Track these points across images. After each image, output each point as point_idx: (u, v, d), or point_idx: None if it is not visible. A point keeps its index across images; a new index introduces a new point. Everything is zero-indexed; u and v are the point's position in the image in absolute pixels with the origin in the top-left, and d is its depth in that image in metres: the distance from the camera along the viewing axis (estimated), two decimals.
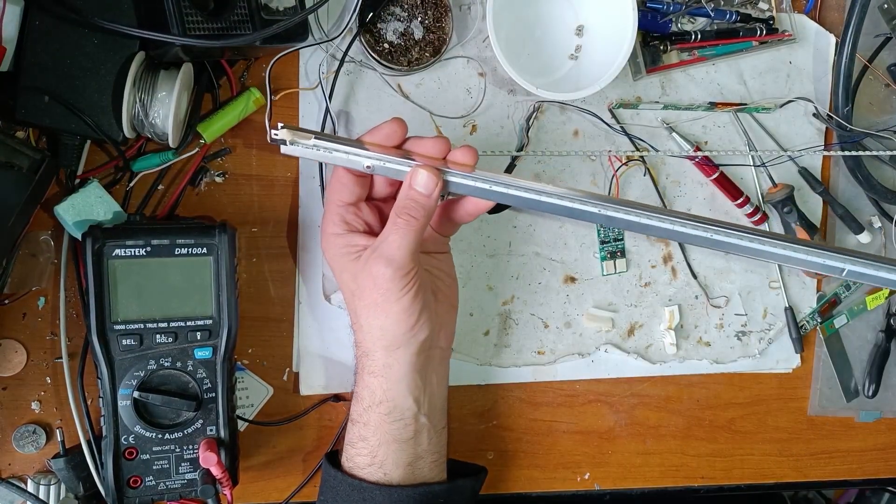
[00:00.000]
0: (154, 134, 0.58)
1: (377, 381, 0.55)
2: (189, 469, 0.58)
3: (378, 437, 0.56)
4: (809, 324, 0.74)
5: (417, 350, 0.55)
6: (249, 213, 0.64)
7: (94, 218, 0.58)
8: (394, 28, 0.62)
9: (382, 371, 0.55)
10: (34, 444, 0.62)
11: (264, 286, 0.65)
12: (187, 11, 0.52)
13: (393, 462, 0.56)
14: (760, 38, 0.69)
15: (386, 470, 0.56)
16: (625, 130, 0.69)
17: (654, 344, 0.72)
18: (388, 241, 0.52)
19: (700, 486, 0.75)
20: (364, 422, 0.56)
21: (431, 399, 0.57)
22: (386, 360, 0.55)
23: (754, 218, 0.72)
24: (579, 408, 0.72)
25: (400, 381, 0.55)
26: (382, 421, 0.56)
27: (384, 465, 0.56)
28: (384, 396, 0.55)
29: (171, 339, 0.57)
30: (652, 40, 0.67)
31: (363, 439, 0.56)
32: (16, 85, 0.54)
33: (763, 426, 0.75)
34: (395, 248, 0.52)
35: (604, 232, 0.70)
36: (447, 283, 0.60)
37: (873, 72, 0.72)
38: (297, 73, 0.64)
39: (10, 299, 0.60)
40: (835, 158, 0.73)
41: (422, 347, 0.55)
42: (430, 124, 0.66)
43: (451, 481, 0.59)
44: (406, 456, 0.56)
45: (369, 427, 0.56)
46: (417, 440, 0.56)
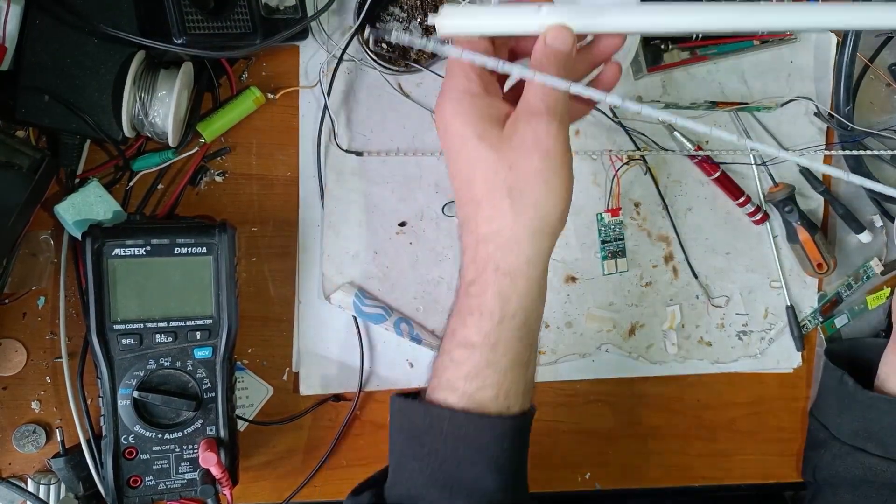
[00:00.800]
0: (154, 133, 0.58)
1: (515, 283, 0.45)
2: (189, 469, 0.58)
3: (508, 360, 0.46)
4: (811, 323, 0.74)
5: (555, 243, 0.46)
6: (249, 212, 0.64)
7: (93, 217, 0.58)
8: (393, 28, 0.62)
9: (525, 268, 0.45)
10: (34, 444, 0.62)
11: (264, 286, 0.65)
12: (187, 10, 0.53)
13: (515, 392, 0.47)
14: (761, 38, 0.69)
15: (510, 402, 0.47)
16: (625, 127, 0.69)
17: (655, 344, 0.72)
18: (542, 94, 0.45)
19: (701, 486, 0.75)
20: (492, 343, 0.45)
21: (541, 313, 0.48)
22: (529, 253, 0.45)
23: (755, 217, 0.72)
24: (580, 408, 0.72)
25: (537, 282, 0.46)
26: (512, 338, 0.46)
27: (509, 395, 0.46)
28: (519, 305, 0.45)
29: (170, 339, 0.57)
30: (653, 39, 0.67)
31: (491, 364, 0.46)
32: (16, 84, 0.54)
33: (764, 426, 0.75)
34: (553, 100, 0.44)
35: (605, 231, 0.70)
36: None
37: (874, 71, 0.71)
38: (297, 72, 0.64)
39: (10, 299, 0.60)
40: (836, 158, 0.73)
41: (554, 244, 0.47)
42: (431, 123, 0.66)
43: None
44: (523, 384, 0.47)
45: (498, 349, 0.46)
46: (530, 364, 0.48)
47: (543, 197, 0.45)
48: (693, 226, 0.72)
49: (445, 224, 0.67)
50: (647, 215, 0.71)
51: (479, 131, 0.45)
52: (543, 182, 0.45)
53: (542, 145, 0.44)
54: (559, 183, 0.45)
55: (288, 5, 0.58)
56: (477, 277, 0.46)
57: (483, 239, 0.46)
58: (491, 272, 0.46)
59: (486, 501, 0.46)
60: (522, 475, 0.50)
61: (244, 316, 0.63)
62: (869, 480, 0.65)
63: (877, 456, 0.65)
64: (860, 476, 0.65)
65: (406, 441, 0.48)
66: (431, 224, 0.67)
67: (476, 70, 0.46)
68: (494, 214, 0.45)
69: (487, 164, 0.45)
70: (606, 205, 0.70)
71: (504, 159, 0.45)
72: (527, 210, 0.45)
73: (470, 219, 0.47)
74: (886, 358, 0.67)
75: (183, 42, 0.53)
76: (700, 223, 0.72)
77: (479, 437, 0.45)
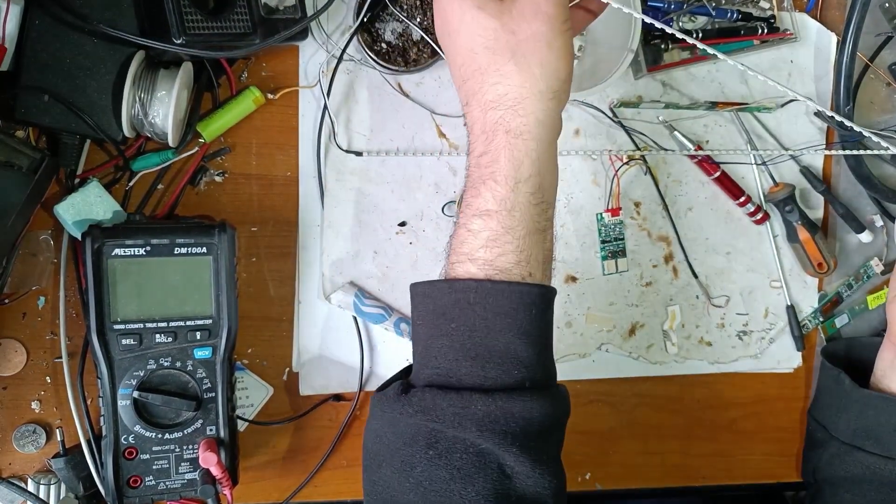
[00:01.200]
0: (154, 133, 0.58)
1: (526, 144, 0.46)
2: (189, 469, 0.58)
3: (525, 226, 0.46)
4: (811, 323, 0.74)
5: (560, 111, 0.48)
6: (249, 212, 0.64)
7: (93, 217, 0.58)
8: (392, 28, 0.62)
9: (535, 129, 0.46)
10: (34, 444, 0.62)
11: (264, 286, 0.65)
12: (187, 11, 0.53)
13: (535, 259, 0.46)
14: (762, 37, 0.69)
15: (532, 269, 0.46)
16: (623, 125, 0.69)
17: (655, 344, 0.72)
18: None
19: (701, 486, 0.75)
20: (509, 208, 0.45)
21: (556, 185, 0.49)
22: (538, 114, 0.46)
23: (755, 217, 0.72)
24: (580, 408, 0.72)
25: (548, 146, 0.47)
26: (528, 202, 0.46)
27: (530, 261, 0.46)
28: (532, 169, 0.46)
29: (170, 339, 0.57)
30: (653, 39, 0.67)
31: (509, 230, 0.45)
32: (16, 84, 0.54)
33: (764, 426, 0.75)
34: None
35: (605, 231, 0.70)
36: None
37: (874, 71, 0.71)
38: (296, 72, 0.64)
39: (10, 299, 0.60)
40: (836, 157, 0.73)
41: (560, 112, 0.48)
42: (431, 123, 0.66)
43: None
44: (541, 253, 0.47)
45: (515, 214, 0.45)
46: (546, 234, 0.48)
47: (547, 57, 0.46)
48: (693, 226, 0.72)
49: (445, 224, 0.67)
50: (648, 215, 0.71)
51: (478, 3, 0.47)
52: (546, 44, 0.46)
53: (542, 10, 0.46)
54: (561, 44, 0.46)
55: (287, 5, 0.58)
56: (488, 147, 0.47)
57: (491, 105, 0.47)
58: (502, 135, 0.46)
59: (520, 369, 0.45)
60: (550, 351, 0.49)
61: (244, 316, 0.63)
62: (868, 479, 0.65)
63: (875, 454, 0.65)
64: (859, 475, 0.65)
65: (433, 322, 0.47)
66: (431, 224, 0.67)
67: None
68: (500, 79, 0.46)
69: (489, 32, 0.46)
70: (606, 205, 0.70)
71: (506, 25, 0.46)
72: (532, 70, 0.46)
73: (475, 91, 0.47)
74: (882, 355, 0.67)
75: (182, 42, 0.53)
76: (700, 223, 0.72)
77: (506, 304, 0.45)
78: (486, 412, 0.44)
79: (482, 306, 0.45)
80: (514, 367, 0.45)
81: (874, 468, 0.64)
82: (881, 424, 0.65)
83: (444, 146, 0.66)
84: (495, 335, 0.45)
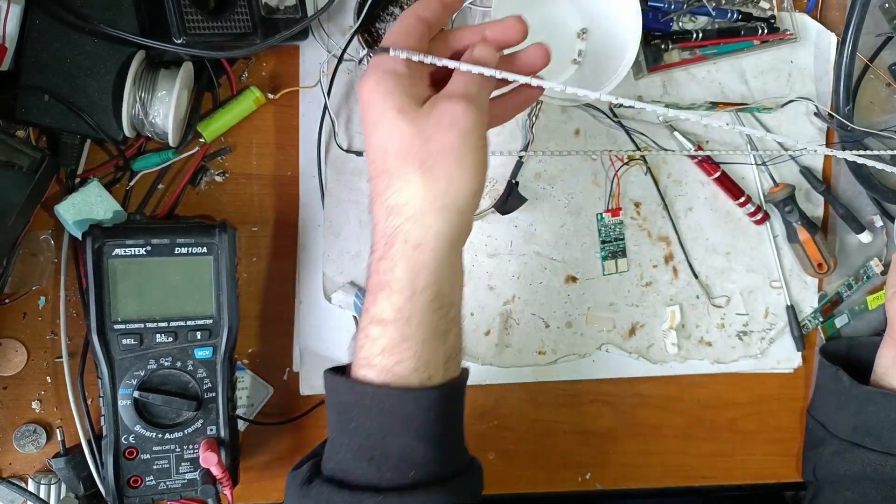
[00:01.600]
0: (154, 133, 0.58)
1: (424, 256, 0.45)
2: (189, 469, 0.58)
3: (423, 333, 0.46)
4: (811, 323, 0.74)
5: (467, 223, 0.47)
6: (249, 212, 0.64)
7: (94, 217, 0.58)
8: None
9: (433, 242, 0.45)
10: (34, 444, 0.62)
11: (264, 286, 0.65)
12: (187, 10, 0.53)
13: (435, 362, 0.47)
14: (762, 37, 0.69)
15: (431, 372, 0.47)
16: (625, 127, 0.69)
17: (656, 344, 0.72)
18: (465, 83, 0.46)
19: (701, 486, 0.75)
20: (406, 317, 0.46)
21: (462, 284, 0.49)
22: (439, 228, 0.45)
23: (755, 217, 0.72)
24: (580, 408, 0.72)
25: (448, 257, 0.46)
26: (426, 311, 0.46)
27: (429, 366, 0.47)
28: (429, 279, 0.45)
29: (171, 339, 0.57)
30: (653, 39, 0.67)
31: (407, 338, 0.46)
32: (16, 84, 0.54)
33: (764, 426, 0.75)
34: (474, 90, 0.46)
35: (605, 231, 0.70)
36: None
37: (874, 71, 0.71)
38: (297, 72, 0.64)
39: (11, 299, 0.60)
40: (836, 158, 0.73)
41: (469, 222, 0.47)
42: None
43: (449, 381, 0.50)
44: (442, 354, 0.47)
45: (412, 322, 0.46)
46: (449, 334, 0.48)
47: (456, 172, 0.45)
48: (693, 226, 0.72)
49: None
50: (648, 215, 0.71)
51: (398, 104, 0.46)
52: (457, 158, 0.45)
53: (458, 123, 0.45)
54: (473, 161, 0.45)
55: (288, 5, 0.58)
56: (386, 252, 0.46)
57: (392, 211, 0.46)
58: (400, 244, 0.45)
59: (416, 469, 0.46)
60: (456, 442, 0.50)
61: (244, 316, 0.63)
62: (869, 476, 0.65)
63: (875, 451, 0.64)
64: (860, 472, 0.65)
65: (336, 416, 0.48)
66: None
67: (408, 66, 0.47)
68: (405, 187, 0.45)
69: (403, 137, 0.45)
70: (606, 205, 0.70)
71: (421, 133, 0.45)
72: (437, 183, 0.45)
73: (380, 192, 0.46)
74: (882, 352, 0.67)
75: (183, 42, 0.53)
76: (700, 223, 0.72)
77: (402, 409, 0.46)
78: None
79: (379, 411, 0.46)
80: (410, 469, 0.46)
81: (874, 465, 0.64)
82: (881, 421, 0.65)
83: None
84: (392, 439, 0.46)
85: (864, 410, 0.66)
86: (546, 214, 0.69)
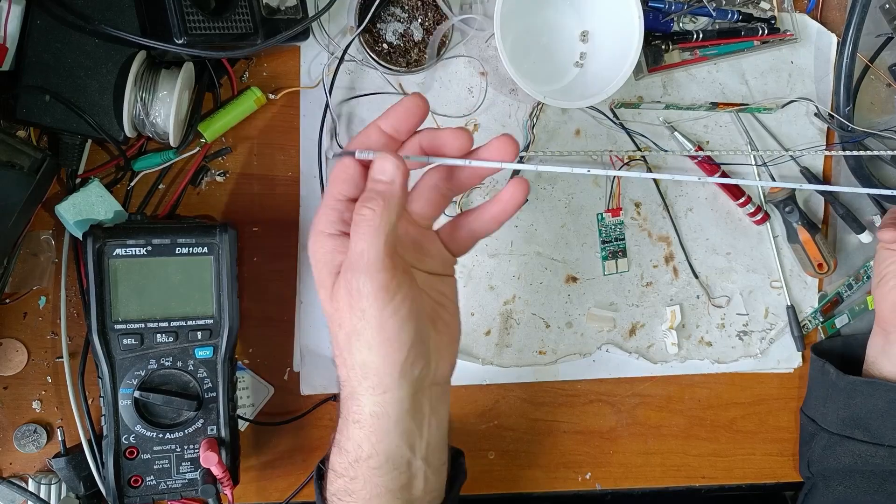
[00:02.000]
0: (155, 133, 0.58)
1: (363, 432, 0.45)
2: (190, 469, 0.58)
3: (368, 491, 0.46)
4: (811, 323, 0.74)
5: (410, 393, 0.45)
6: (250, 212, 0.64)
7: (94, 217, 0.58)
8: (393, 29, 0.62)
9: (369, 421, 0.45)
10: (35, 444, 0.62)
11: (265, 286, 0.65)
12: (188, 11, 0.53)
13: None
14: (762, 38, 0.69)
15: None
16: (625, 128, 0.69)
17: (656, 344, 0.72)
18: (352, 246, 0.42)
19: (701, 485, 0.75)
20: (351, 476, 0.47)
21: (430, 441, 0.47)
22: (373, 408, 0.45)
23: (756, 217, 0.72)
24: (581, 408, 0.72)
25: (390, 430, 0.45)
26: (372, 475, 0.46)
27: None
28: (373, 450, 0.46)
29: (171, 339, 0.57)
30: (654, 40, 0.67)
31: (350, 493, 0.47)
32: (17, 84, 0.54)
33: (764, 426, 0.75)
34: (357, 254, 0.42)
35: (605, 231, 0.70)
36: (450, 310, 0.50)
37: (874, 72, 0.71)
38: (298, 72, 0.64)
39: (11, 299, 0.60)
40: (836, 158, 0.73)
41: (414, 389, 0.45)
42: (432, 124, 0.66)
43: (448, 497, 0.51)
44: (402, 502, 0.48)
45: (357, 481, 0.46)
46: (413, 485, 0.48)
47: (367, 357, 0.44)
48: (693, 226, 0.72)
49: None
50: (648, 215, 0.71)
51: (320, 277, 0.45)
52: (364, 343, 0.43)
53: (355, 304, 0.42)
54: (383, 342, 0.43)
55: (289, 6, 0.58)
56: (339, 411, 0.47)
57: (341, 384, 0.47)
58: (344, 412, 0.47)
59: None
60: None
61: (245, 316, 0.63)
62: (859, 469, 0.65)
63: (865, 442, 0.64)
64: (850, 465, 0.65)
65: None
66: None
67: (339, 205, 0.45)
68: (341, 365, 0.46)
69: (330, 320, 0.46)
70: (607, 205, 0.70)
71: (335, 317, 0.45)
72: (356, 369, 0.45)
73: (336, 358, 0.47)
74: (872, 341, 0.67)
75: (184, 42, 0.53)
76: (701, 223, 0.72)
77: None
78: None
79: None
80: None
81: (865, 457, 0.64)
82: (869, 411, 0.64)
83: None
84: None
85: (851, 402, 0.66)
86: (547, 214, 0.69)
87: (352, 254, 0.42)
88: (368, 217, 0.42)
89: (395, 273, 0.42)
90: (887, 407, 0.64)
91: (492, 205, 0.48)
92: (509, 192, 0.47)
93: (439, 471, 0.49)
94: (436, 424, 0.48)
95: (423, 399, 0.47)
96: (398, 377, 0.44)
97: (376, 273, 0.42)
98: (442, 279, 0.50)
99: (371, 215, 0.42)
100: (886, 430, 0.64)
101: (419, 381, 0.45)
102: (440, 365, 0.47)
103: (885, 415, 0.64)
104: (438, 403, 0.48)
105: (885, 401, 0.64)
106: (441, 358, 0.48)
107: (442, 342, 0.48)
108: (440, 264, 0.50)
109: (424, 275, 0.48)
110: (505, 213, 0.48)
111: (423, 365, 0.45)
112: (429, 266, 0.49)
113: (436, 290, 0.49)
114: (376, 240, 0.42)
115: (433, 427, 0.48)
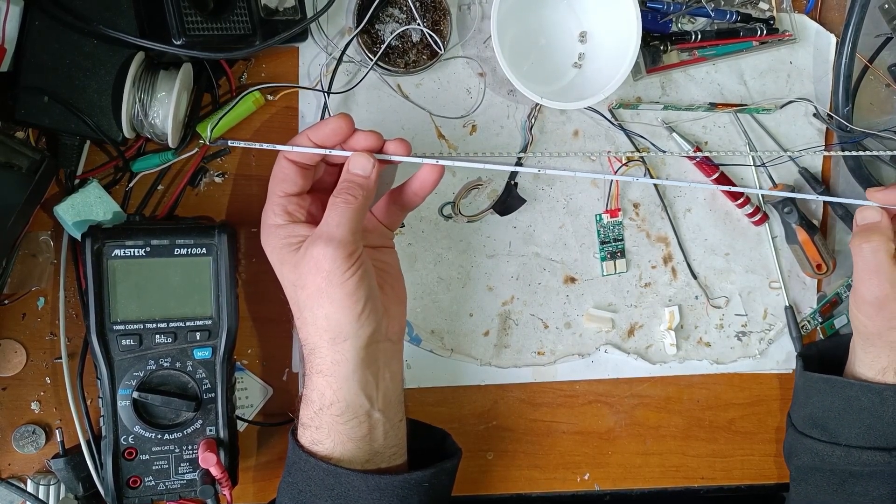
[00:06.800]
0: (153, 134, 0.58)
1: (326, 380, 0.53)
2: (188, 469, 0.58)
3: (332, 439, 0.53)
4: (810, 324, 0.74)
5: (365, 343, 0.52)
6: (249, 213, 0.64)
7: (93, 218, 0.58)
8: (392, 29, 0.62)
9: (331, 369, 0.52)
10: (34, 445, 0.62)
11: (264, 286, 0.65)
12: (187, 12, 0.53)
13: (349, 461, 0.54)
14: (761, 38, 0.69)
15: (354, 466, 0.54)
16: (624, 129, 0.69)
17: (655, 344, 0.72)
18: (328, 221, 0.51)
19: (700, 486, 0.75)
20: (316, 425, 0.54)
21: (386, 394, 0.54)
22: (333, 357, 0.52)
23: (754, 218, 0.72)
24: (579, 408, 0.72)
25: (349, 377, 0.52)
26: (335, 422, 0.53)
27: (350, 462, 0.54)
28: (335, 397, 0.52)
29: (170, 340, 0.57)
30: (652, 40, 0.67)
31: (317, 443, 0.54)
32: (15, 85, 0.54)
33: (763, 427, 0.75)
34: (335, 227, 0.51)
35: (604, 232, 0.70)
36: (394, 276, 0.58)
37: (874, 72, 0.71)
38: (296, 73, 0.64)
39: (10, 299, 0.60)
40: (835, 159, 0.73)
41: (370, 340, 0.52)
42: (430, 124, 0.66)
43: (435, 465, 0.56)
44: (363, 453, 0.54)
45: (322, 430, 0.53)
46: (373, 436, 0.54)
47: (329, 310, 0.51)
48: (692, 226, 0.72)
49: (444, 225, 0.67)
50: (646, 216, 0.71)
51: (280, 257, 0.53)
52: (327, 298, 0.51)
53: (321, 266, 0.50)
54: (342, 296, 0.51)
55: (287, 7, 0.58)
56: (303, 371, 0.55)
57: (303, 340, 0.54)
58: (308, 370, 0.54)
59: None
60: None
61: (244, 316, 0.63)
62: (818, 467, 0.64)
63: (822, 441, 0.64)
64: (810, 464, 0.65)
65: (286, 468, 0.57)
66: (430, 225, 0.67)
67: (282, 200, 0.54)
68: (301, 325, 0.54)
69: (288, 285, 0.54)
70: (605, 205, 0.70)
71: (298, 280, 0.52)
72: (318, 322, 0.52)
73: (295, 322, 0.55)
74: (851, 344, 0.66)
75: (182, 43, 0.53)
76: (699, 224, 0.72)
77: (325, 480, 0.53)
78: None
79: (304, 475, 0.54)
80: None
81: (822, 456, 0.64)
82: (826, 409, 0.64)
83: (444, 147, 0.67)
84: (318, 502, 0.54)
85: (810, 399, 0.66)
86: (545, 215, 0.69)
87: (328, 228, 0.51)
88: (350, 201, 0.51)
89: (357, 245, 0.51)
90: (844, 405, 0.63)
91: (413, 181, 0.56)
92: (425, 170, 0.56)
93: (397, 427, 0.56)
94: (390, 377, 0.55)
95: (378, 352, 0.54)
96: (357, 326, 0.51)
97: (346, 244, 0.51)
98: (382, 251, 0.58)
99: (353, 201, 0.52)
100: (842, 430, 0.63)
101: (373, 334, 0.53)
102: (391, 323, 0.55)
103: (841, 414, 0.63)
104: (391, 359, 0.56)
105: (842, 399, 0.63)
106: (391, 318, 0.55)
107: (390, 302, 0.56)
108: (379, 237, 0.58)
109: (369, 249, 0.56)
110: (423, 188, 0.56)
111: (376, 320, 0.52)
112: (370, 241, 0.57)
113: (379, 259, 0.58)
114: (351, 220, 0.51)
115: (387, 380, 0.55)
